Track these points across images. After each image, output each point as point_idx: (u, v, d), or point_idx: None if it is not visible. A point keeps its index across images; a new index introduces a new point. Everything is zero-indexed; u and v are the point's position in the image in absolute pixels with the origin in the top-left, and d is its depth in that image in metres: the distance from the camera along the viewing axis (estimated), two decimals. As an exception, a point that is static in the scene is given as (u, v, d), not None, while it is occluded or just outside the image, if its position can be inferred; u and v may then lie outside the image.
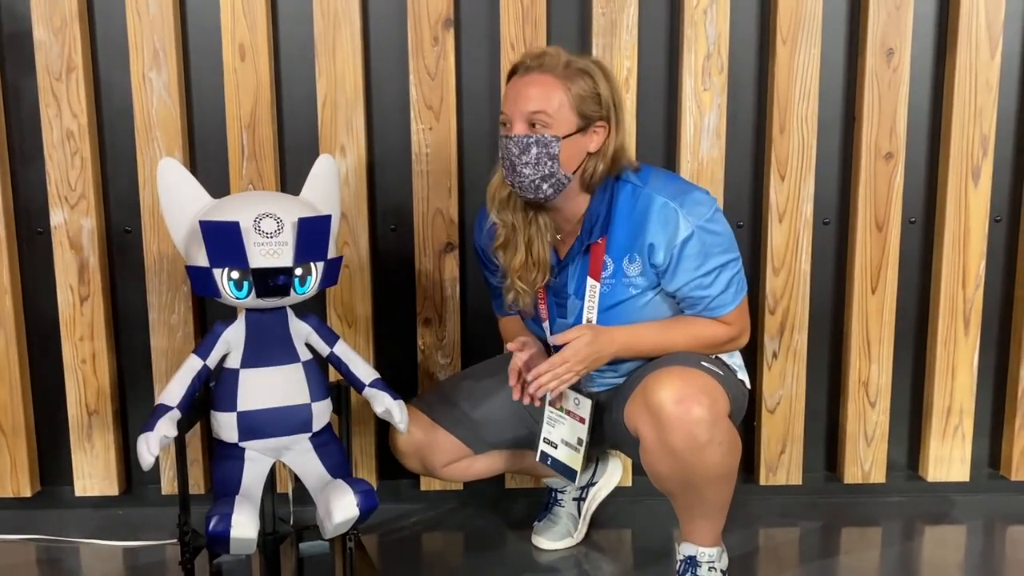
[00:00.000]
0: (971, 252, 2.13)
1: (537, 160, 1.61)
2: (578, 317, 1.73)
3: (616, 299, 1.70)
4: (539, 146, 1.60)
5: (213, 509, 1.45)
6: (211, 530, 1.43)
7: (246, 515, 1.44)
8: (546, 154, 1.61)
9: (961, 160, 2.10)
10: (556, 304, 1.78)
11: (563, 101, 1.60)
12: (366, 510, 1.52)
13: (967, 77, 2.06)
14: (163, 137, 2.03)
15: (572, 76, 1.61)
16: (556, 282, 1.76)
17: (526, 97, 1.61)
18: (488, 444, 1.89)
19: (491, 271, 1.87)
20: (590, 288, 1.71)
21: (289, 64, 2.07)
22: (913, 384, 2.25)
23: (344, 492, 1.51)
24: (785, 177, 2.09)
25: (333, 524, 1.51)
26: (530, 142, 1.61)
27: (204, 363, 1.56)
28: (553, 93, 1.60)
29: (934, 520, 2.15)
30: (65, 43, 1.98)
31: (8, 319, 2.07)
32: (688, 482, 1.60)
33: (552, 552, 1.97)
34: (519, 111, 1.61)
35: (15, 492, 2.14)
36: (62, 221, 2.05)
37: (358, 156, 2.06)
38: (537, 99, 1.60)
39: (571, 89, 1.60)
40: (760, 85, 2.11)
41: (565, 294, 1.75)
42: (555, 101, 1.60)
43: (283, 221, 1.47)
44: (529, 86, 1.61)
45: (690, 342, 1.69)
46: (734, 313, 1.70)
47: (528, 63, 1.63)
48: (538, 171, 1.62)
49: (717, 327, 1.71)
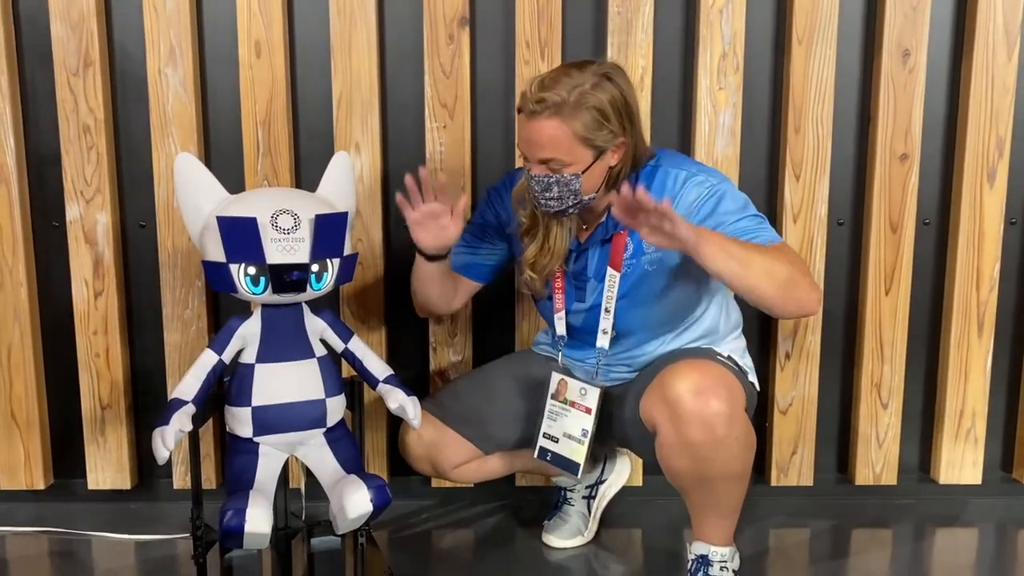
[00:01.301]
0: (985, 254, 2.12)
1: (560, 195, 1.62)
2: (597, 299, 1.74)
3: (635, 278, 1.71)
4: (559, 185, 1.61)
5: (227, 504, 1.46)
6: (225, 525, 1.43)
7: (260, 510, 1.45)
8: (568, 191, 1.61)
9: (976, 162, 2.09)
10: (575, 287, 1.78)
11: (573, 143, 1.58)
12: (379, 506, 1.53)
13: (983, 79, 2.05)
14: (178, 133, 2.03)
15: (576, 113, 1.56)
16: (575, 266, 1.77)
17: (537, 145, 1.59)
18: (498, 444, 1.90)
19: (487, 220, 1.88)
20: (610, 278, 1.71)
21: (305, 61, 2.07)
22: (926, 386, 2.24)
23: (357, 487, 1.52)
24: (800, 177, 2.08)
25: (346, 520, 1.51)
26: (551, 182, 1.61)
27: (219, 358, 1.56)
28: (561, 138, 1.58)
29: (945, 523, 2.14)
30: (82, 38, 1.99)
31: (23, 313, 2.08)
32: (703, 478, 1.60)
33: (563, 550, 1.97)
34: (534, 156, 1.61)
35: (29, 485, 2.15)
36: (78, 215, 2.06)
37: (373, 154, 2.07)
38: (548, 147, 1.59)
39: (578, 128, 1.57)
40: (775, 85, 2.10)
41: (585, 277, 1.76)
42: (565, 145, 1.58)
43: (300, 218, 1.48)
44: (538, 134, 1.59)
45: (773, 263, 1.53)
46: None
47: (531, 107, 1.58)
48: (563, 203, 1.63)
49: (793, 257, 1.61)
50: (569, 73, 1.59)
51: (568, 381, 1.80)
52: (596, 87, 1.58)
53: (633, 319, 1.75)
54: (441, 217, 1.70)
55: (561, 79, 1.58)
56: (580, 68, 1.61)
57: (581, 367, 1.85)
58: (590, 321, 1.78)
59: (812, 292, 1.58)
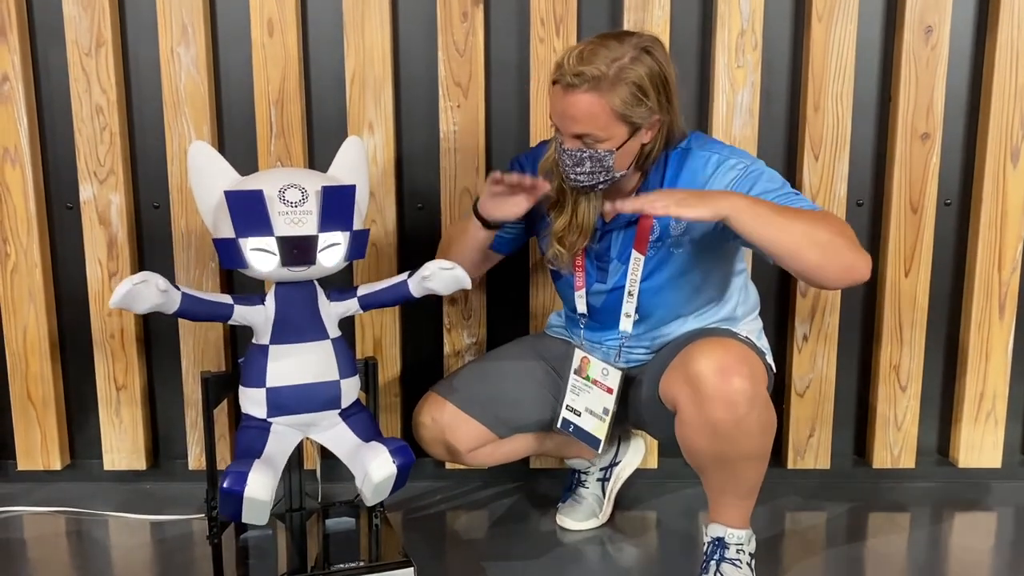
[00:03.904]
0: (1008, 235, 2.09)
1: (592, 171, 1.59)
2: (619, 280, 1.73)
3: (659, 262, 1.69)
4: (592, 160, 1.58)
5: (229, 466, 1.44)
6: (225, 486, 1.41)
7: (263, 476, 1.42)
8: (601, 167, 1.59)
9: (1000, 141, 2.05)
10: (597, 268, 1.76)
11: (609, 119, 1.54)
12: (403, 465, 1.51)
13: (1008, 56, 2.02)
14: (191, 113, 2.02)
15: (615, 88, 1.52)
16: (599, 246, 1.75)
17: (572, 119, 1.55)
18: (512, 428, 1.89)
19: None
20: (634, 261, 1.70)
21: (317, 40, 2.05)
22: (945, 368, 2.22)
23: (379, 451, 1.51)
24: (819, 157, 2.05)
25: (372, 485, 1.49)
26: (583, 157, 1.58)
27: (233, 304, 1.54)
28: (599, 114, 1.53)
29: (964, 506, 2.12)
30: (94, 18, 1.98)
31: (39, 293, 2.08)
32: (723, 457, 1.58)
33: (577, 532, 1.96)
34: (568, 130, 1.57)
35: (45, 465, 2.17)
36: (91, 196, 2.05)
37: (386, 133, 2.05)
38: (584, 122, 1.54)
39: (616, 104, 1.53)
40: (794, 63, 2.07)
41: (608, 258, 1.74)
42: (601, 121, 1.54)
43: (307, 191, 1.47)
44: (573, 107, 1.54)
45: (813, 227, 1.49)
46: None
47: (569, 79, 1.52)
48: (593, 178, 1.61)
49: (836, 222, 1.56)
50: (608, 45, 1.54)
51: (591, 359, 1.79)
52: (635, 61, 1.53)
53: (655, 302, 1.74)
54: (518, 193, 1.67)
55: (599, 51, 1.52)
56: (619, 40, 1.55)
57: (600, 349, 1.83)
58: (610, 303, 1.76)
59: (859, 256, 1.51)
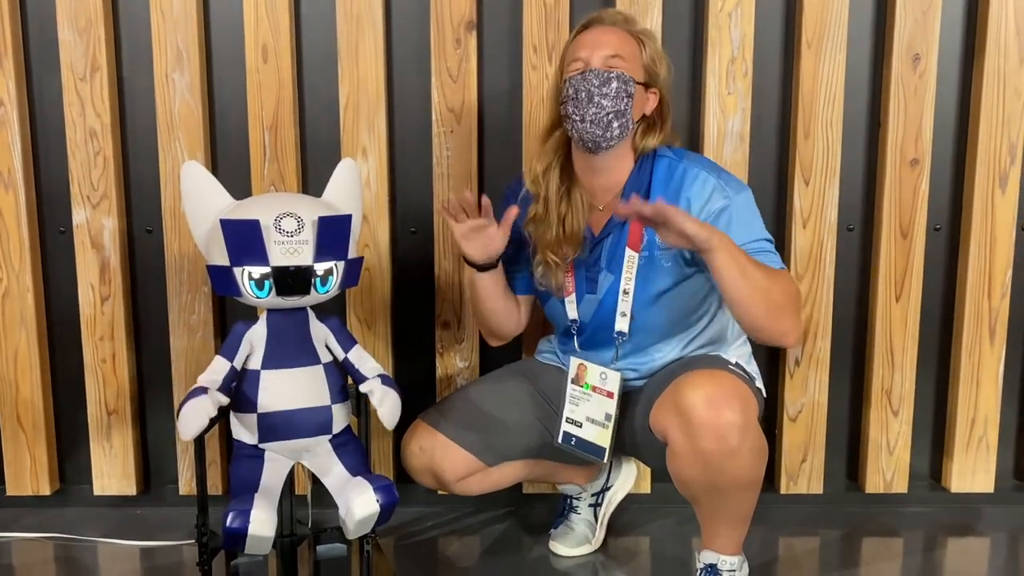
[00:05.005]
0: (997, 261, 2.11)
1: (616, 93, 1.65)
2: (608, 291, 1.73)
3: (647, 270, 1.70)
4: (619, 81, 1.66)
5: (231, 505, 1.44)
6: (228, 526, 1.42)
7: (265, 513, 1.43)
8: (624, 91, 1.66)
9: (988, 167, 2.07)
10: (587, 279, 1.77)
11: (636, 55, 1.70)
12: (386, 505, 1.51)
13: (995, 83, 2.04)
14: (185, 138, 2.03)
15: (647, 41, 1.73)
16: (588, 257, 1.76)
17: (608, 43, 1.68)
18: (501, 456, 1.87)
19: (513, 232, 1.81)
20: (628, 259, 1.70)
21: (311, 66, 2.07)
22: (937, 393, 2.22)
23: (364, 489, 1.50)
24: (809, 182, 2.07)
25: (354, 521, 1.50)
26: (611, 76, 1.66)
27: (231, 364, 1.54)
28: (631, 45, 1.70)
29: (957, 532, 2.12)
30: (90, 43, 1.99)
31: (30, 317, 2.08)
32: (715, 487, 1.58)
33: (570, 559, 1.95)
34: (598, 54, 1.68)
35: (34, 490, 2.15)
36: (84, 220, 2.06)
37: (379, 158, 2.06)
38: (618, 46, 1.68)
39: (644, 49, 1.71)
40: (785, 89, 2.09)
41: (597, 268, 1.75)
42: (631, 51, 1.70)
43: (303, 220, 1.47)
44: (610, 34, 1.70)
45: (773, 285, 1.56)
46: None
47: (611, 17, 1.73)
48: (616, 104, 1.66)
49: (792, 288, 1.63)
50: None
51: (587, 365, 1.78)
52: (662, 51, 1.76)
53: (643, 318, 1.74)
54: (488, 228, 1.72)
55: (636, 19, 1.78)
56: None
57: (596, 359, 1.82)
58: (601, 315, 1.76)
59: (796, 326, 1.62)
